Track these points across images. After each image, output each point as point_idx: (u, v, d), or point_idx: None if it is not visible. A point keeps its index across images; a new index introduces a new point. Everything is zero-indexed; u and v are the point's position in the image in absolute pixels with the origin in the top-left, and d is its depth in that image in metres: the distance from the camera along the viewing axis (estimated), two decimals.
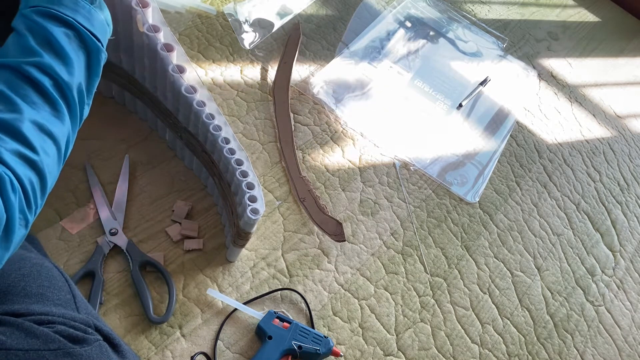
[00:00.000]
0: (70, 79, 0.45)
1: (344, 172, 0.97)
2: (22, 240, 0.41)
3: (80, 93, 0.47)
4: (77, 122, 0.48)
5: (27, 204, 0.40)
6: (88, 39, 0.47)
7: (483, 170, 1.08)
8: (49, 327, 0.47)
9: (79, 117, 0.48)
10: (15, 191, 0.38)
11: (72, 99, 0.46)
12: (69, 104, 0.46)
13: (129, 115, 0.88)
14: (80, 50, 0.47)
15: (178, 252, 0.77)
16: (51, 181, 0.44)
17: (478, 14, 1.42)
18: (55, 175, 0.45)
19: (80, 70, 0.47)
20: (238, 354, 0.72)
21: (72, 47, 0.46)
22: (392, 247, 0.91)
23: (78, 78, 0.46)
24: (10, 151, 0.39)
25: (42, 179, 0.42)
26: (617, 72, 1.49)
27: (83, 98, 0.48)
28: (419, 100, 1.15)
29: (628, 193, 1.21)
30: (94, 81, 0.49)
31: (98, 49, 0.48)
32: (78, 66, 0.46)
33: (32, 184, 0.41)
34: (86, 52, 0.48)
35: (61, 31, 0.45)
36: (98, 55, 0.49)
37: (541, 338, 0.90)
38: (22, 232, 0.40)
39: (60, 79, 0.44)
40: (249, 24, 1.10)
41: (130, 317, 0.70)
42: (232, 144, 0.71)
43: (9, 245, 0.39)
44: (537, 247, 1.02)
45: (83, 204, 0.77)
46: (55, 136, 0.43)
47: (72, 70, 0.45)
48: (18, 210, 0.39)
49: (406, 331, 0.83)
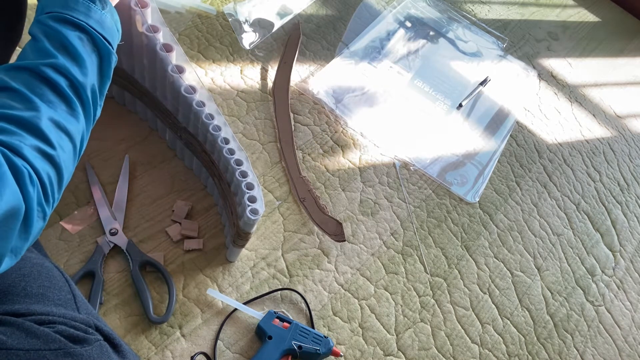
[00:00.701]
0: (84, 80, 0.47)
1: (344, 172, 0.97)
2: (40, 233, 0.43)
3: (94, 93, 0.49)
4: (91, 121, 0.50)
5: (45, 197, 0.42)
6: (100, 42, 0.50)
7: (483, 170, 1.09)
8: (49, 327, 0.48)
9: (92, 117, 0.50)
10: (34, 184, 0.40)
11: (86, 98, 0.48)
12: (84, 103, 0.48)
13: (129, 115, 0.88)
14: (93, 53, 0.49)
15: (178, 252, 0.77)
16: (67, 176, 0.46)
17: (478, 14, 1.42)
18: (70, 171, 0.47)
19: (93, 71, 0.49)
20: (238, 354, 0.72)
21: (86, 50, 0.48)
22: (392, 247, 0.91)
23: (91, 79, 0.49)
24: (30, 146, 0.41)
25: (59, 173, 0.44)
26: (617, 72, 1.49)
27: (96, 99, 0.50)
28: (419, 100, 1.16)
29: (628, 193, 1.21)
30: (105, 83, 0.52)
31: (109, 51, 0.51)
32: (91, 68, 0.49)
33: (50, 178, 0.43)
34: (98, 54, 0.50)
35: (75, 35, 0.48)
36: (109, 58, 0.51)
37: (541, 338, 0.90)
38: (40, 224, 0.42)
39: (75, 80, 0.46)
40: (249, 24, 1.10)
41: (130, 317, 0.70)
42: (231, 144, 0.71)
43: (27, 236, 0.41)
44: (537, 247, 1.02)
45: (83, 204, 0.77)
46: (71, 133, 0.46)
47: (85, 72, 0.48)
48: (36, 202, 0.41)
49: (406, 331, 0.83)
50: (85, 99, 0.48)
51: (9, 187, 0.38)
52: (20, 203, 0.39)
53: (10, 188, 0.38)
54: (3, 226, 0.37)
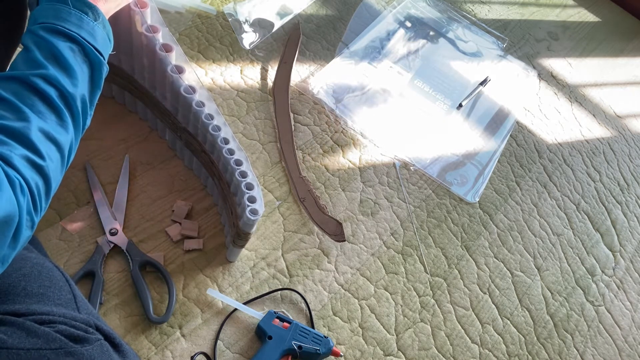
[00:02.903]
0: (74, 90, 0.48)
1: (344, 172, 0.97)
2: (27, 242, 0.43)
3: (84, 104, 0.49)
4: (80, 131, 0.50)
5: (34, 207, 0.42)
6: (91, 53, 0.50)
7: (483, 170, 1.09)
8: (50, 326, 0.48)
9: (81, 127, 0.50)
10: (24, 194, 0.41)
11: (76, 109, 0.48)
12: (73, 113, 0.48)
13: (129, 115, 0.88)
14: (84, 63, 0.50)
15: (178, 252, 0.78)
16: (55, 185, 0.46)
17: (478, 14, 1.42)
18: (58, 180, 0.47)
19: (84, 82, 0.49)
20: (238, 354, 0.72)
21: (77, 61, 0.49)
22: (392, 247, 0.91)
23: (82, 90, 0.49)
24: (20, 156, 0.42)
25: (47, 183, 0.44)
26: (617, 72, 1.49)
27: (86, 108, 0.50)
28: (419, 100, 1.16)
29: (628, 193, 1.21)
30: (96, 93, 0.52)
31: (100, 62, 0.51)
32: (82, 78, 0.49)
33: (39, 187, 0.43)
34: (89, 65, 0.50)
35: (66, 46, 0.48)
36: (100, 68, 0.51)
37: (541, 338, 0.90)
38: (28, 233, 0.42)
39: (65, 90, 0.47)
40: (249, 24, 1.10)
41: (130, 317, 0.70)
42: (231, 144, 0.71)
43: (16, 245, 0.41)
44: (537, 247, 1.02)
45: (83, 204, 0.77)
46: (60, 143, 0.46)
47: (76, 82, 0.48)
48: (26, 211, 0.41)
49: (406, 331, 0.83)
50: (75, 109, 0.48)
51: (5, 195, 0.38)
52: (15, 210, 0.39)
53: (7, 195, 0.38)
54: None
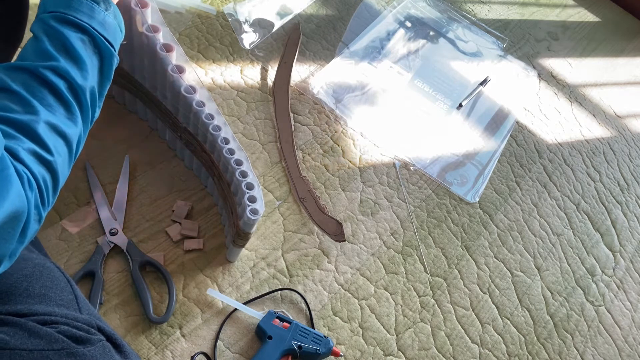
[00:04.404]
0: (84, 83, 0.47)
1: (344, 172, 0.97)
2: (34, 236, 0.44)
3: (93, 96, 0.49)
4: (89, 124, 0.50)
5: (42, 201, 0.42)
6: (102, 44, 0.49)
7: (483, 170, 1.09)
8: (52, 327, 0.48)
9: (90, 119, 0.50)
10: (32, 188, 0.41)
11: (85, 101, 0.48)
12: (82, 106, 0.48)
13: (129, 115, 0.88)
14: (95, 55, 0.49)
15: (178, 252, 0.78)
16: (62, 179, 0.46)
17: (478, 14, 1.42)
18: (66, 174, 0.47)
19: (94, 74, 0.49)
20: (238, 354, 0.72)
21: (87, 52, 0.48)
22: (392, 247, 0.91)
23: (91, 82, 0.48)
24: (27, 150, 0.41)
25: (54, 177, 0.44)
26: (617, 72, 1.49)
27: (95, 101, 0.50)
28: (419, 100, 1.16)
29: (628, 193, 1.21)
30: (105, 84, 0.51)
31: (111, 54, 0.51)
32: (92, 70, 0.48)
33: (46, 181, 0.43)
34: (100, 56, 0.50)
35: (77, 36, 0.47)
36: (111, 60, 0.51)
37: (541, 338, 0.91)
38: (36, 227, 0.42)
39: (75, 83, 0.46)
40: (249, 24, 1.10)
41: (130, 317, 0.70)
42: (231, 144, 0.71)
43: (24, 239, 0.41)
44: (537, 247, 1.02)
45: (83, 204, 0.77)
46: (68, 137, 0.46)
47: (86, 74, 0.47)
48: (34, 206, 0.41)
49: (406, 331, 0.83)
50: (84, 102, 0.48)
51: (14, 189, 0.38)
52: (24, 205, 0.39)
53: (16, 190, 0.38)
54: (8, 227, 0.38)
